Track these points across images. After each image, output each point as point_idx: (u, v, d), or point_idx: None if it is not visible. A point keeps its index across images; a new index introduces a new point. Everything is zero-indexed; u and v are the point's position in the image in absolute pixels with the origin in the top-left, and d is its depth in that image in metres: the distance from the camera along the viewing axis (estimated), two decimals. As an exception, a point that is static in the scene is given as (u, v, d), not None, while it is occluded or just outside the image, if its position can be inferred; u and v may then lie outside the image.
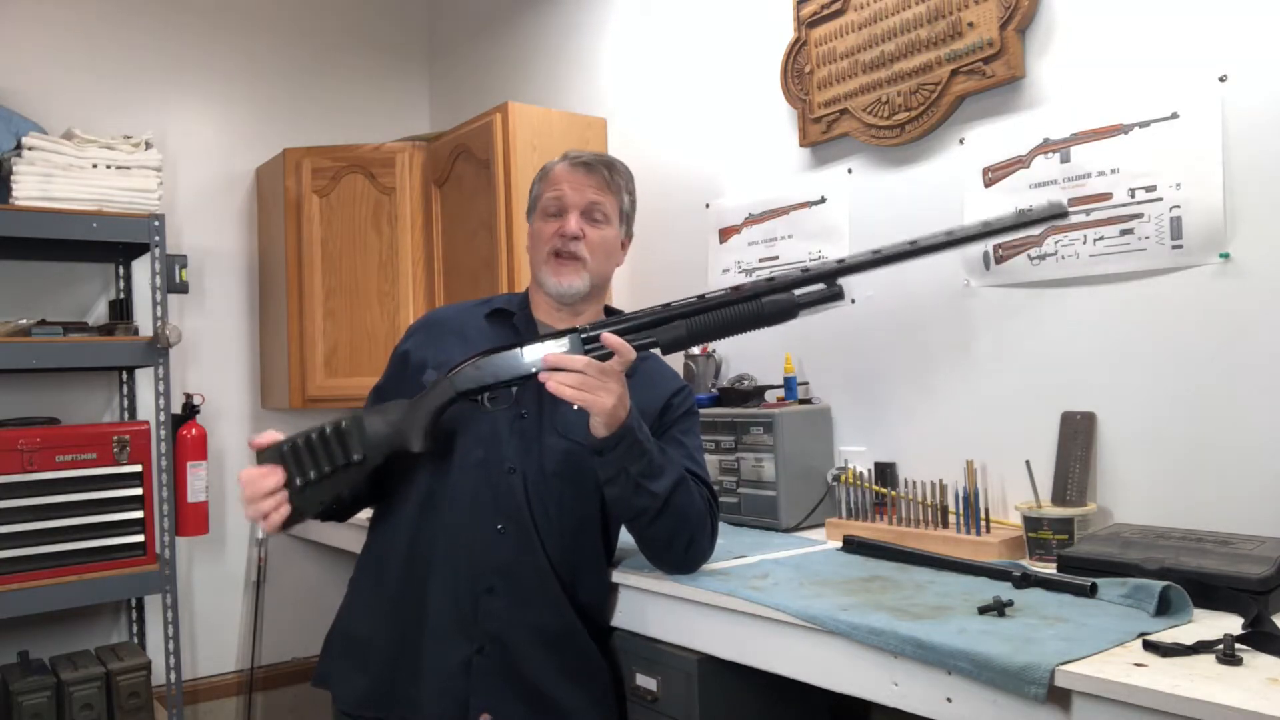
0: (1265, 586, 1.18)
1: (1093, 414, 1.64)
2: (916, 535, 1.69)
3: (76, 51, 3.00)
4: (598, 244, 1.56)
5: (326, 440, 1.38)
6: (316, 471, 1.36)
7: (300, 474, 1.36)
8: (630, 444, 1.36)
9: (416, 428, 1.38)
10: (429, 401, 1.39)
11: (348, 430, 1.38)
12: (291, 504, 1.36)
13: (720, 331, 1.38)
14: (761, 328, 1.38)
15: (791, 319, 1.37)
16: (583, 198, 1.55)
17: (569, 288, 1.55)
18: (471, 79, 3.48)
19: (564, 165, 1.59)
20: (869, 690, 1.22)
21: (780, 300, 1.35)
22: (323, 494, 1.37)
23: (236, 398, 3.25)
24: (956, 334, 1.86)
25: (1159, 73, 1.56)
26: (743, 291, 1.36)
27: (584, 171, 1.57)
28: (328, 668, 1.53)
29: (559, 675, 1.46)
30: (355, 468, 1.37)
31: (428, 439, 1.39)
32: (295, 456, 1.37)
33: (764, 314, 1.35)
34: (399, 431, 1.39)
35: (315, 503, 1.38)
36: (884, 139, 1.95)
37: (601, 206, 1.57)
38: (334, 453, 1.37)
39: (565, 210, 1.56)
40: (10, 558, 2.41)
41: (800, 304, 1.35)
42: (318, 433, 1.38)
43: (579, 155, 1.60)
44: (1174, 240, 1.53)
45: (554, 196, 1.57)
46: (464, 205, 2.79)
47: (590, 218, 1.56)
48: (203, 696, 3.11)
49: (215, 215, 3.24)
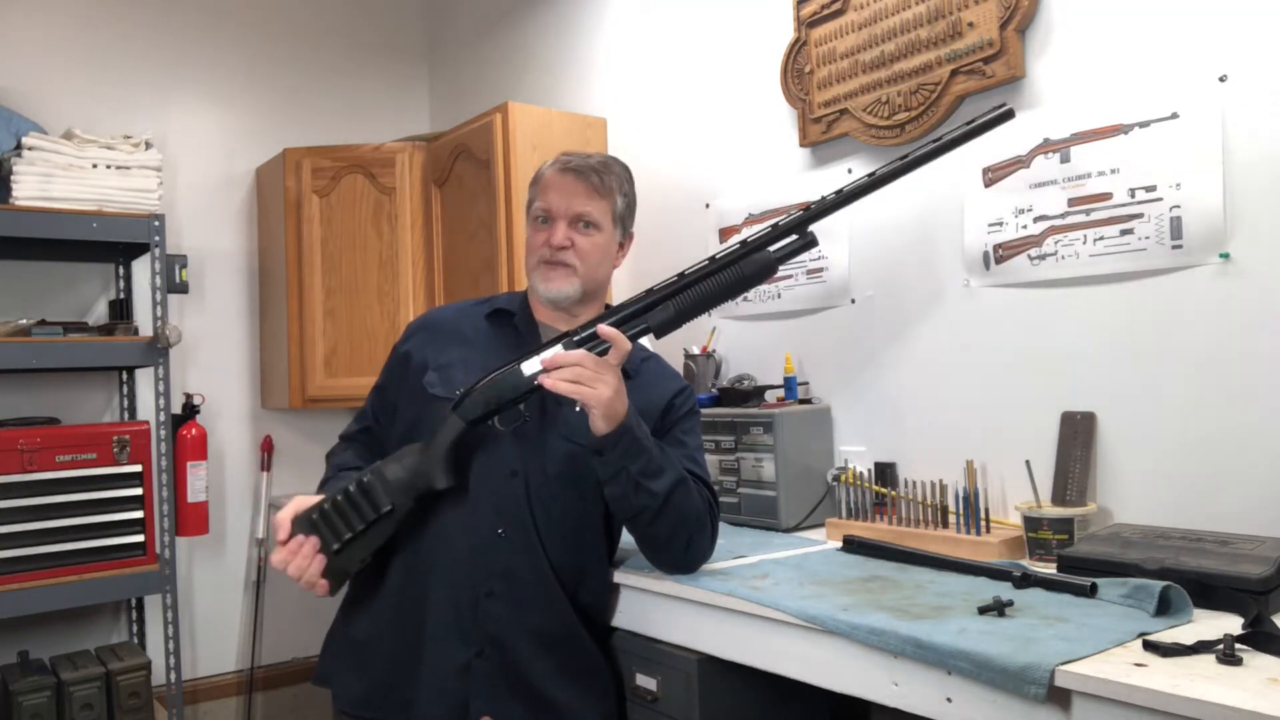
0: (1265, 586, 1.18)
1: (1093, 414, 1.64)
2: (916, 535, 1.69)
3: (76, 51, 3.00)
4: (587, 251, 1.55)
5: (353, 499, 1.40)
6: (350, 531, 1.39)
7: (335, 538, 1.39)
8: (629, 443, 1.36)
9: (436, 467, 1.40)
10: (442, 439, 1.41)
11: (370, 485, 1.40)
12: (331, 566, 1.39)
13: (707, 303, 1.39)
14: (746, 290, 1.41)
15: (772, 275, 1.41)
16: (569, 207, 1.54)
17: (559, 293, 1.54)
18: (471, 79, 3.48)
19: (553, 171, 1.57)
20: (869, 690, 1.22)
21: (757, 259, 1.37)
22: (362, 550, 1.41)
23: (236, 398, 3.25)
24: (956, 334, 1.86)
25: (1159, 73, 1.56)
26: (720, 260, 1.38)
27: (573, 178, 1.55)
28: (328, 668, 1.53)
29: (559, 676, 1.46)
30: (387, 519, 1.40)
31: (449, 474, 1.41)
32: (326, 521, 1.40)
33: (745, 276, 1.38)
34: (420, 474, 1.41)
35: (356, 560, 1.41)
36: (884, 139, 1.95)
37: (589, 215, 1.55)
38: (363, 509, 1.40)
39: (552, 219, 1.55)
40: (10, 558, 2.41)
41: (777, 258, 1.38)
42: (343, 494, 1.41)
43: (570, 160, 1.57)
44: (1174, 240, 1.53)
45: (542, 206, 1.56)
46: (464, 205, 2.79)
47: (580, 225, 1.55)
48: (203, 696, 3.11)
49: (215, 215, 3.25)
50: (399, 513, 1.40)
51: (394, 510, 1.40)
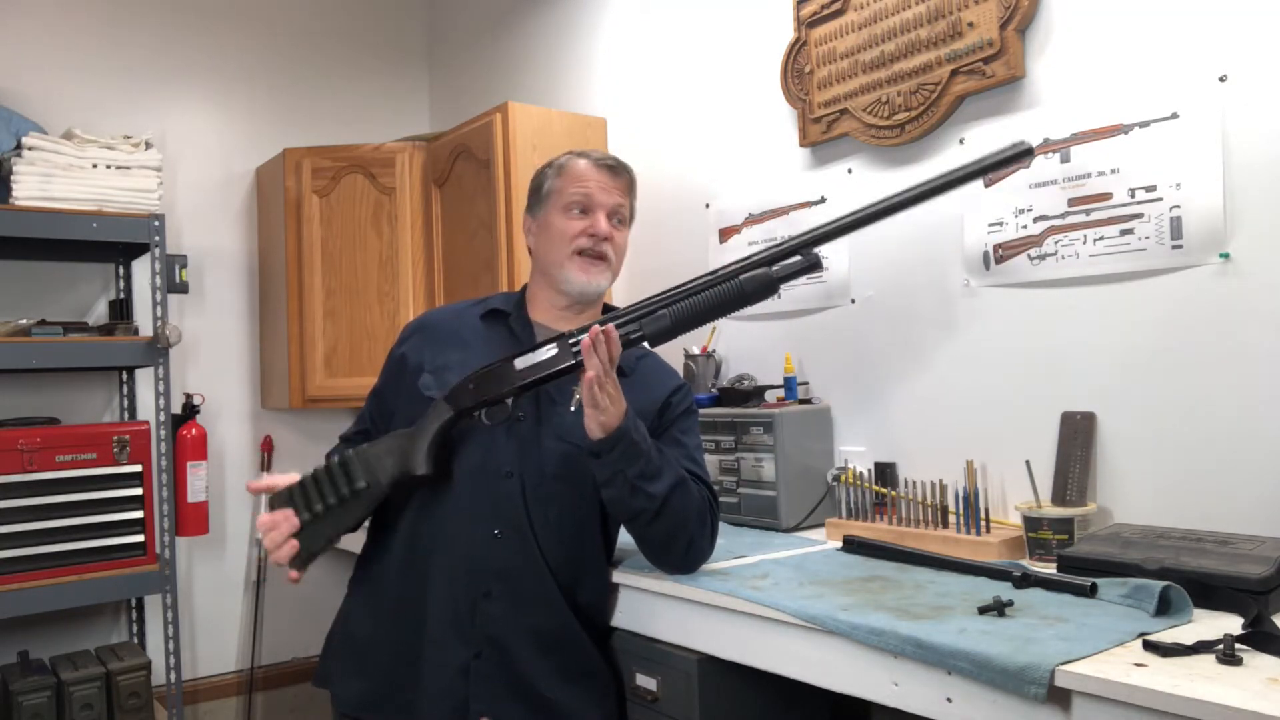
0: (1265, 586, 1.18)
1: (1093, 414, 1.64)
2: (916, 535, 1.69)
3: (76, 51, 3.00)
4: (621, 247, 1.59)
5: (331, 473, 1.40)
6: (322, 504, 1.38)
7: (307, 509, 1.39)
8: (626, 446, 1.36)
9: (419, 452, 1.40)
10: (428, 425, 1.41)
11: (349, 460, 1.40)
12: (299, 539, 1.38)
13: (705, 316, 1.37)
14: (745, 306, 1.38)
15: (773, 294, 1.37)
16: (611, 199, 1.57)
17: (596, 286, 1.56)
18: (471, 79, 3.48)
19: (588, 164, 1.58)
20: (869, 690, 1.21)
21: (759, 276, 1.35)
22: (331, 527, 1.40)
23: (236, 398, 3.25)
24: (956, 334, 1.86)
25: (1159, 73, 1.56)
26: (721, 273, 1.36)
27: (609, 175, 1.58)
28: (328, 669, 1.53)
29: (558, 678, 1.45)
30: (361, 497, 1.39)
31: (431, 462, 1.41)
32: (302, 493, 1.40)
33: (745, 292, 1.35)
34: (402, 458, 1.41)
35: (323, 538, 1.40)
36: (884, 139, 1.95)
37: (624, 210, 1.59)
38: (338, 484, 1.39)
39: (594, 209, 1.56)
40: (10, 558, 2.41)
41: (779, 278, 1.36)
42: (323, 469, 1.41)
43: (601, 156, 1.60)
44: (1174, 240, 1.53)
45: (582, 193, 1.56)
46: (464, 205, 2.78)
47: (616, 220, 1.58)
48: (203, 696, 3.11)
49: (215, 215, 3.24)
50: (374, 493, 1.39)
51: (369, 488, 1.39)
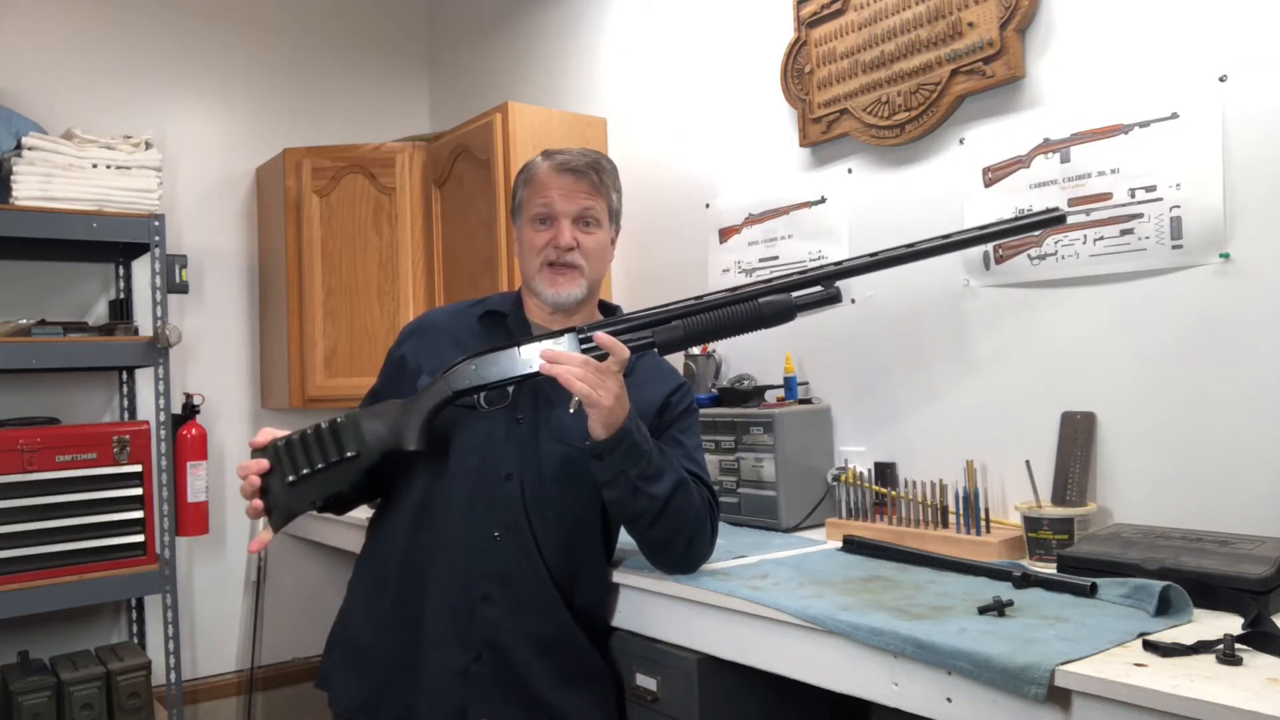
0: (1265, 586, 1.18)
1: (1093, 414, 1.64)
2: (916, 535, 1.69)
3: (76, 51, 3.00)
4: (593, 250, 1.54)
5: (321, 436, 1.38)
6: (309, 467, 1.37)
7: (293, 470, 1.36)
8: (629, 447, 1.35)
9: (412, 427, 1.38)
10: (424, 401, 1.39)
11: (342, 426, 1.38)
12: (281, 500, 1.36)
13: (717, 332, 1.37)
14: (759, 329, 1.37)
15: (789, 320, 1.37)
16: (574, 205, 1.52)
17: (568, 297, 1.53)
18: (471, 79, 3.48)
19: (549, 169, 1.53)
20: (869, 690, 1.22)
21: (777, 301, 1.35)
22: (316, 490, 1.37)
23: (236, 398, 3.25)
24: (956, 334, 1.86)
25: (1159, 73, 1.56)
26: (740, 293, 1.36)
27: (572, 178, 1.52)
28: (328, 671, 1.53)
29: (558, 680, 1.45)
30: (349, 463, 1.37)
31: (423, 438, 1.39)
32: (289, 452, 1.38)
33: (761, 315, 1.35)
34: (394, 430, 1.39)
35: (306, 499, 1.38)
36: (884, 139, 1.95)
37: (592, 211, 1.54)
38: (327, 448, 1.37)
39: (555, 219, 1.52)
40: (10, 558, 2.41)
41: (798, 305, 1.35)
42: (313, 429, 1.39)
43: (565, 159, 1.54)
44: (1174, 240, 1.53)
45: (542, 204, 1.53)
46: (464, 205, 2.78)
47: (582, 224, 1.54)
48: (203, 696, 3.11)
49: (215, 215, 3.24)
50: (363, 462, 1.37)
51: (358, 457, 1.37)
